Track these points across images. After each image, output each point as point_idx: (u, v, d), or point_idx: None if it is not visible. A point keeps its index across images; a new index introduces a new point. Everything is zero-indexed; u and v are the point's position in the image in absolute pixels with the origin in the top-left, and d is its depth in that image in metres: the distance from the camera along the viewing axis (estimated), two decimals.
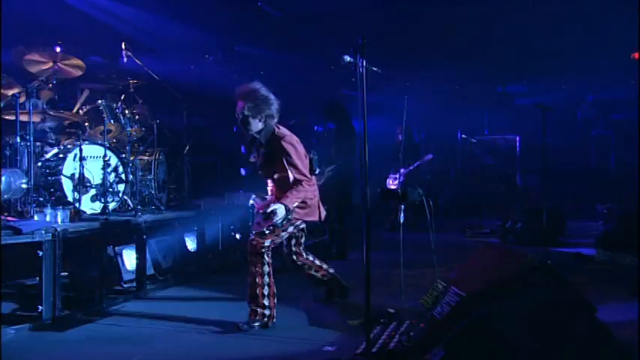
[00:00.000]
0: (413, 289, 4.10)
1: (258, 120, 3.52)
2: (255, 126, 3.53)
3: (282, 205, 3.48)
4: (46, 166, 4.78)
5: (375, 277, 2.88)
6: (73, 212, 4.20)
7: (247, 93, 3.50)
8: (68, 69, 5.30)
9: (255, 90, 3.50)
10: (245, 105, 3.46)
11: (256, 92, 3.50)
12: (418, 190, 3.93)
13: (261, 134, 3.58)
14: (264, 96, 3.51)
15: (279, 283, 3.70)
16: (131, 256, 4.63)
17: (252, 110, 3.48)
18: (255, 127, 3.54)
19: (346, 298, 4.11)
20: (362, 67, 2.87)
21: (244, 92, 3.51)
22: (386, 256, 4.40)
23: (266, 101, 3.50)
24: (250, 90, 3.50)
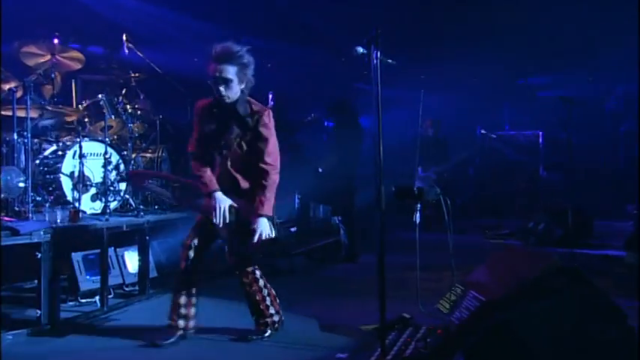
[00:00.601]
0: (430, 293, 4.09)
1: (240, 86, 3.24)
2: (236, 93, 3.23)
3: (264, 218, 3.28)
4: (45, 164, 4.83)
5: (389, 280, 2.88)
6: (73, 212, 4.24)
7: (233, 54, 3.17)
8: (67, 62, 5.36)
9: (240, 51, 3.20)
10: (231, 67, 3.16)
11: (242, 54, 3.20)
12: (435, 188, 3.92)
13: (238, 104, 3.26)
14: (249, 59, 3.24)
15: (289, 287, 3.71)
16: (133, 258, 4.67)
17: (239, 74, 3.19)
18: (236, 95, 3.24)
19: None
20: (376, 59, 2.87)
21: (229, 53, 3.17)
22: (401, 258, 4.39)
23: (251, 65, 3.25)
24: (236, 51, 3.18)
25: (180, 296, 3.40)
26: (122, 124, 5.37)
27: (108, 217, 4.42)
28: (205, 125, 3.34)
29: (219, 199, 3.27)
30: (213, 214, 3.25)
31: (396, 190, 3.76)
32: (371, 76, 2.89)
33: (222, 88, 3.18)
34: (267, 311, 3.54)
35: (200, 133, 3.37)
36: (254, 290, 3.52)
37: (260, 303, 3.52)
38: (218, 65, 3.16)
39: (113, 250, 4.58)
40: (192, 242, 3.39)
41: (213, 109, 3.31)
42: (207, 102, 3.35)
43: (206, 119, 3.34)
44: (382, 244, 2.85)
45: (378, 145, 2.88)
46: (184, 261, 3.39)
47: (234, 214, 3.31)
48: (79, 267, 4.38)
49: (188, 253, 3.38)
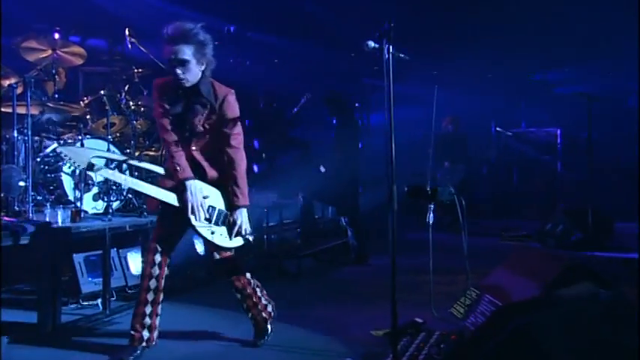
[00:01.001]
0: (443, 297, 4.08)
1: (199, 67, 3.10)
2: (196, 75, 3.09)
3: (243, 209, 3.23)
4: (45, 162, 4.85)
5: (401, 283, 2.87)
6: (74, 212, 4.25)
7: (188, 32, 3.02)
8: (68, 57, 5.39)
9: (195, 29, 3.05)
10: (187, 47, 3.01)
11: (198, 32, 3.05)
12: (449, 188, 3.90)
13: (200, 85, 3.13)
14: (206, 37, 3.11)
15: (296, 290, 3.70)
16: (136, 260, 4.68)
17: (196, 54, 3.04)
18: (196, 77, 3.10)
19: None
20: (388, 53, 2.86)
21: (183, 32, 3.01)
22: (413, 260, 4.38)
23: (208, 43, 3.12)
24: (190, 29, 3.03)
25: (145, 305, 3.23)
26: (125, 121, 5.39)
27: (110, 217, 4.44)
28: (166, 105, 3.16)
29: (195, 190, 3.12)
30: (189, 208, 3.12)
31: (409, 190, 3.75)
32: (382, 71, 2.87)
33: (179, 71, 3.03)
34: (260, 301, 3.52)
35: (161, 114, 3.18)
36: (249, 293, 3.49)
37: (258, 304, 3.52)
38: (173, 46, 3.00)
39: (116, 251, 4.58)
40: (156, 245, 3.24)
41: (174, 89, 3.14)
42: (167, 79, 3.19)
43: (168, 98, 3.16)
44: (394, 246, 2.83)
45: (389, 143, 2.87)
46: (149, 266, 3.22)
47: (206, 206, 3.20)
48: (81, 268, 4.38)
49: (154, 258, 3.22)
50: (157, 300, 3.26)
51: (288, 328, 3.75)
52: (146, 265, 3.26)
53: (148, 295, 3.24)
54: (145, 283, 3.24)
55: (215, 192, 3.28)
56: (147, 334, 3.25)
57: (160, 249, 3.24)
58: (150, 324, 3.26)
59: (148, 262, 3.25)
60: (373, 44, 2.90)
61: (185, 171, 3.15)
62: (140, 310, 3.25)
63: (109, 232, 4.26)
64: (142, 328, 3.24)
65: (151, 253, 3.24)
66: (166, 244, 3.27)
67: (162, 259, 3.25)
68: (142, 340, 3.24)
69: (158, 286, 3.24)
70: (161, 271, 3.24)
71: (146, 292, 3.24)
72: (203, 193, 3.19)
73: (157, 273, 3.23)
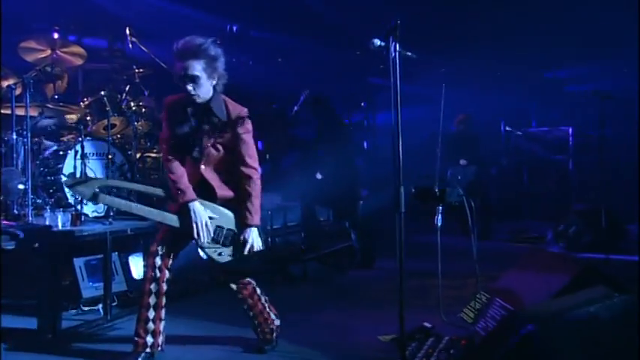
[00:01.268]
0: (453, 301, 4.07)
1: (211, 82, 3.13)
2: (208, 90, 3.13)
3: (254, 229, 3.24)
4: (45, 165, 4.87)
5: (409, 287, 2.88)
6: (75, 215, 4.27)
7: (197, 48, 3.06)
8: (68, 57, 5.42)
9: (205, 44, 3.08)
10: (197, 63, 3.05)
11: (208, 47, 3.09)
12: (457, 189, 3.89)
13: (212, 102, 3.17)
14: (216, 51, 3.13)
15: (302, 294, 3.70)
16: (138, 264, 4.70)
17: (207, 69, 3.08)
18: (207, 93, 3.14)
19: None
20: (394, 52, 2.85)
21: (193, 47, 3.06)
22: (422, 263, 4.36)
23: (219, 57, 3.12)
24: (200, 44, 3.07)
25: (148, 309, 3.22)
26: (126, 122, 5.40)
27: (111, 221, 4.45)
28: (176, 124, 3.20)
29: (198, 212, 3.16)
30: (194, 230, 3.16)
31: (417, 191, 3.74)
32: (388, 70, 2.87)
33: (190, 87, 3.08)
34: (269, 318, 3.54)
35: (170, 132, 3.25)
36: (255, 302, 3.51)
37: (263, 312, 3.53)
38: (183, 62, 3.05)
39: (117, 255, 4.60)
40: (158, 248, 3.24)
41: (185, 107, 3.18)
42: (177, 98, 3.24)
43: (177, 117, 3.21)
44: (402, 249, 2.83)
45: (396, 143, 2.87)
46: (151, 269, 3.22)
47: (213, 227, 3.22)
48: (81, 273, 4.39)
49: (155, 261, 3.22)
50: (159, 304, 3.25)
51: (293, 333, 3.74)
52: (147, 269, 3.27)
53: (149, 299, 3.23)
54: (147, 286, 3.24)
55: (224, 212, 3.28)
56: (151, 339, 3.24)
57: (161, 252, 3.24)
58: (153, 329, 3.24)
59: (148, 265, 3.25)
60: (379, 42, 2.90)
61: (187, 194, 3.18)
62: (143, 315, 3.24)
63: (110, 235, 4.26)
64: (145, 333, 3.23)
65: (152, 256, 3.24)
66: (168, 248, 3.26)
67: (163, 262, 3.24)
68: (146, 345, 3.23)
69: (160, 289, 3.23)
70: (162, 274, 3.23)
71: (148, 296, 3.23)
72: (209, 214, 3.21)
73: (157, 276, 3.22)
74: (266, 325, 3.53)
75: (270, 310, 3.55)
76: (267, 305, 3.54)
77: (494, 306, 3.55)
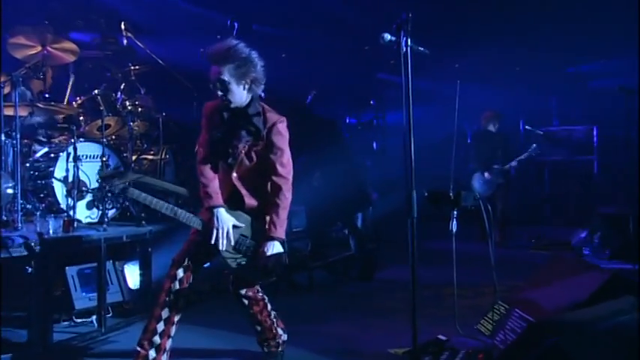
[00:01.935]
0: (469, 312, 4.06)
1: (242, 87, 3.15)
2: (240, 96, 3.16)
3: (277, 242, 3.23)
4: (35, 168, 4.89)
5: (422, 296, 2.87)
6: (67, 221, 4.29)
7: (226, 52, 3.09)
8: (59, 54, 5.43)
9: (235, 47, 3.10)
10: (225, 67, 3.09)
11: (237, 50, 3.10)
12: (474, 193, 3.88)
13: (249, 108, 3.22)
14: (248, 54, 3.14)
15: (308, 304, 3.70)
16: (134, 273, 4.71)
17: (235, 74, 3.10)
18: (240, 98, 3.17)
19: None
20: (405, 46, 2.86)
21: (222, 51, 3.10)
22: (435, 272, 4.37)
23: (250, 60, 3.13)
24: (228, 48, 3.10)
25: (159, 321, 3.21)
26: (121, 122, 5.42)
27: (106, 227, 4.47)
28: (212, 130, 3.29)
29: (222, 218, 3.19)
30: (214, 234, 3.18)
31: (430, 195, 3.73)
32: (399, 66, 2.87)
33: (220, 92, 3.14)
34: (277, 332, 3.56)
35: (207, 138, 3.32)
36: (264, 317, 3.53)
37: (271, 328, 3.55)
38: (213, 67, 3.13)
39: (112, 263, 4.62)
40: (183, 259, 3.25)
41: (222, 112, 3.26)
42: (215, 103, 3.32)
43: (214, 123, 3.30)
44: (414, 256, 2.83)
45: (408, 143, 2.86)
46: (170, 280, 3.21)
47: (237, 235, 3.24)
48: (74, 283, 4.40)
49: (176, 272, 3.22)
50: (171, 319, 3.23)
51: (299, 345, 3.75)
52: (166, 279, 3.25)
53: (162, 311, 3.22)
54: (162, 298, 3.23)
55: (250, 221, 3.29)
56: (153, 354, 3.21)
57: (186, 264, 3.24)
58: (159, 344, 3.22)
59: (169, 276, 3.25)
60: (389, 37, 2.90)
61: (214, 199, 3.22)
62: (152, 325, 3.22)
63: (104, 242, 4.28)
64: (149, 345, 3.21)
65: (175, 266, 3.25)
66: (193, 262, 3.26)
67: (186, 275, 3.24)
68: (147, 359, 3.21)
69: (175, 303, 3.22)
70: (181, 287, 3.22)
71: (161, 308, 3.22)
72: (234, 222, 3.23)
73: (176, 288, 3.22)
74: (273, 340, 3.54)
75: (277, 325, 3.57)
76: (275, 320, 3.56)
77: (513, 317, 3.53)
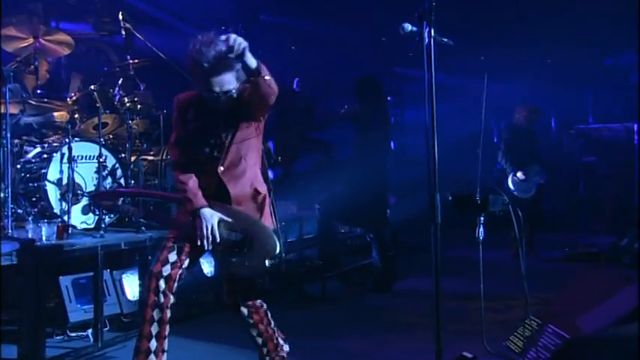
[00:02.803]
0: (497, 327, 4.04)
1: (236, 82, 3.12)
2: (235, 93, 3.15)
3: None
4: (27, 170, 4.92)
5: (446, 309, 2.86)
6: (61, 227, 4.30)
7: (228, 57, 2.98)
8: (53, 46, 5.47)
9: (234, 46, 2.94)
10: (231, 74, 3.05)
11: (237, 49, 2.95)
12: (502, 197, 3.86)
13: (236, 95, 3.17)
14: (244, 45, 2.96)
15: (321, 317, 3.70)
16: (133, 283, 4.73)
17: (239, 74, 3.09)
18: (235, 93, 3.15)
19: None
20: (428, 37, 2.85)
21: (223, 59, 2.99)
22: (460, 282, 4.35)
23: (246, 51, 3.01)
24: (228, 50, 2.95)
25: (150, 339, 3.15)
26: (119, 120, 5.44)
27: (102, 234, 4.48)
28: (190, 123, 3.25)
29: (206, 216, 3.18)
30: (199, 234, 3.16)
31: (454, 199, 3.72)
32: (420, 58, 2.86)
33: (223, 98, 3.11)
34: (278, 343, 3.54)
35: (182, 135, 3.29)
36: (265, 327, 3.51)
37: (273, 338, 3.53)
38: (214, 78, 3.04)
39: (109, 273, 4.63)
40: (162, 269, 3.18)
41: (200, 105, 3.21)
42: (190, 95, 3.27)
43: (191, 116, 3.24)
44: (437, 265, 2.82)
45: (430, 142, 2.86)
46: (154, 294, 3.15)
47: (224, 231, 3.21)
48: (68, 294, 4.41)
49: (158, 284, 3.15)
50: (161, 333, 3.20)
51: None
52: (148, 292, 3.19)
53: (151, 327, 3.18)
54: (148, 313, 3.17)
55: (240, 214, 3.28)
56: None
57: (166, 274, 3.19)
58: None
59: (150, 289, 3.18)
60: (411, 27, 2.90)
61: (195, 200, 3.21)
62: (144, 345, 3.17)
63: (101, 250, 4.30)
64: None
65: (154, 278, 3.18)
66: (173, 269, 3.21)
67: (168, 285, 3.19)
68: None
69: (163, 317, 3.18)
70: (166, 299, 3.17)
71: (149, 325, 3.17)
72: (220, 216, 3.22)
73: (161, 302, 3.17)
74: (276, 352, 3.53)
75: (278, 336, 3.57)
76: (275, 330, 3.56)
77: (546, 333, 3.51)
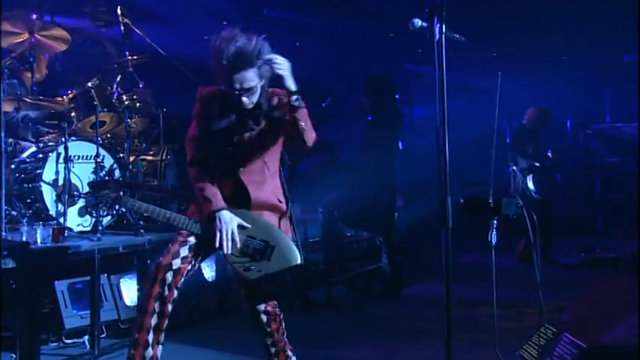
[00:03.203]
0: (510, 336, 4.03)
1: (263, 82, 3.18)
2: (259, 93, 3.20)
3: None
4: (21, 170, 4.93)
5: (458, 317, 2.85)
6: (57, 230, 4.30)
7: (252, 54, 3.04)
8: (49, 42, 5.48)
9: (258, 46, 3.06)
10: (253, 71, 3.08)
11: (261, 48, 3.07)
12: (516, 200, 3.84)
13: (260, 99, 3.22)
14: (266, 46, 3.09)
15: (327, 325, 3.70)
16: (131, 288, 4.74)
17: (261, 72, 3.11)
18: (258, 95, 3.20)
19: None
20: (439, 34, 2.84)
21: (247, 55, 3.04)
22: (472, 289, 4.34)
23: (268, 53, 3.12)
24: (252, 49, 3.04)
25: (148, 332, 3.17)
26: (117, 119, 5.45)
27: (100, 236, 4.49)
28: (212, 121, 3.26)
29: (224, 219, 3.20)
30: (217, 239, 3.17)
31: (466, 202, 3.70)
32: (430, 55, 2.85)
33: (245, 99, 3.13)
34: (288, 355, 3.55)
35: (204, 129, 3.30)
36: (280, 336, 3.52)
37: (285, 349, 3.54)
38: (235, 75, 3.07)
39: (106, 277, 4.64)
40: (173, 262, 3.19)
41: (224, 101, 3.24)
42: (214, 90, 3.29)
43: (215, 112, 3.27)
44: (448, 271, 2.81)
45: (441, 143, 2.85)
46: (159, 286, 3.15)
47: (243, 237, 3.22)
48: (64, 299, 4.42)
49: (165, 276, 3.16)
50: (160, 326, 3.21)
51: None
52: (153, 284, 3.19)
53: (151, 319, 3.18)
54: (150, 305, 3.17)
55: (258, 220, 3.30)
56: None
57: (175, 267, 3.19)
58: (152, 355, 3.20)
59: (157, 281, 3.18)
60: (420, 23, 2.88)
61: (214, 202, 3.22)
62: (142, 338, 3.17)
63: (98, 254, 4.29)
64: None
65: (163, 270, 3.18)
66: (183, 264, 3.22)
67: (175, 279, 3.20)
68: None
69: (164, 310, 3.19)
70: (170, 293, 3.18)
71: (150, 316, 3.17)
72: (240, 221, 3.24)
73: (165, 294, 3.17)
74: None
75: (287, 347, 3.57)
76: (286, 341, 3.55)
77: (562, 342, 3.50)
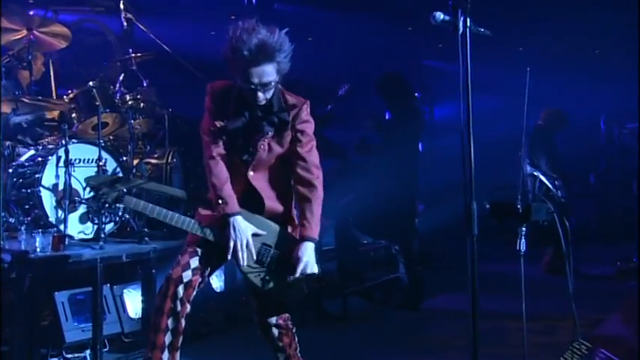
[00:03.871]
0: (541, 351, 4.02)
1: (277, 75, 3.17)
2: (273, 90, 3.21)
3: (310, 243, 3.27)
4: (20, 174, 4.96)
5: (484, 330, 2.84)
6: (57, 238, 4.33)
7: (274, 49, 3.07)
8: (48, 39, 5.51)
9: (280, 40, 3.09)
10: (272, 66, 3.10)
11: (283, 44, 3.11)
12: (547, 204, 3.82)
13: (273, 98, 3.22)
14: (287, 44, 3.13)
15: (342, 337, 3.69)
16: (135, 299, 4.75)
17: (280, 70, 3.14)
18: (272, 92, 3.21)
19: None
20: (464, 27, 2.84)
21: (269, 49, 3.05)
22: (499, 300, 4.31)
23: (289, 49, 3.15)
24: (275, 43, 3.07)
25: (162, 350, 3.19)
26: (120, 120, 5.47)
27: (102, 244, 4.51)
28: (223, 118, 3.25)
29: (240, 228, 3.20)
30: (231, 247, 3.18)
31: (492, 208, 3.68)
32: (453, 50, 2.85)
33: (260, 95, 3.13)
34: None
35: (216, 124, 3.27)
36: (293, 351, 3.54)
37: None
38: (254, 68, 3.07)
39: (109, 288, 4.66)
40: (183, 274, 3.20)
41: (237, 98, 3.25)
42: (227, 85, 3.30)
43: (223, 109, 3.27)
44: (474, 281, 2.81)
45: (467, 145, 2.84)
46: (171, 301, 3.17)
47: (258, 245, 3.23)
48: (64, 311, 4.44)
49: (176, 290, 3.18)
50: (175, 344, 3.22)
51: None
52: (165, 299, 3.20)
53: (165, 337, 3.19)
54: (163, 322, 3.19)
55: (272, 227, 3.32)
56: None
57: (186, 280, 3.20)
58: None
59: (168, 296, 3.19)
60: (443, 16, 2.88)
61: (229, 205, 3.22)
62: (156, 356, 3.20)
63: (100, 263, 4.31)
64: None
65: (174, 283, 3.19)
66: (194, 276, 3.23)
67: (186, 293, 3.21)
68: None
69: (178, 327, 3.21)
70: (183, 308, 3.20)
71: (163, 334, 3.19)
72: (254, 230, 3.25)
73: (178, 310, 3.19)
74: None
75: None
76: (299, 356, 3.56)
77: (597, 358, 3.48)
